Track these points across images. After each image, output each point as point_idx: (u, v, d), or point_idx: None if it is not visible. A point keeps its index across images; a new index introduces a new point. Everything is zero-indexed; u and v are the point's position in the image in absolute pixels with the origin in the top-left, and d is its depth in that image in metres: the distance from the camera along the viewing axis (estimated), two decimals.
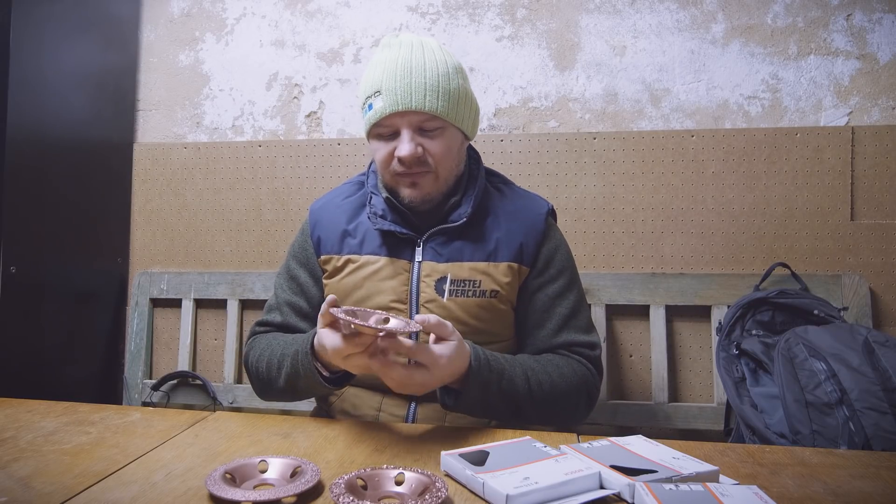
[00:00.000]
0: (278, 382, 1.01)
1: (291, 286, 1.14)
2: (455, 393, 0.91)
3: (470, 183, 1.08)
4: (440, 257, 1.03)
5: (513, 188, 1.15)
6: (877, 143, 1.58)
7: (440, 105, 0.98)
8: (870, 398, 1.11)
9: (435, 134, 1.00)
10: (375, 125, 1.01)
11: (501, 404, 0.94)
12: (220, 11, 1.91)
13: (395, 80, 0.97)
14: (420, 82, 0.97)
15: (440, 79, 0.99)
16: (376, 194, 1.08)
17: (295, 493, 0.65)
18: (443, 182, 1.03)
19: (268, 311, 1.15)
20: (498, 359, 0.94)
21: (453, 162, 1.04)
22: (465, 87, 1.04)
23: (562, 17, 1.74)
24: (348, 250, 1.07)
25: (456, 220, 1.03)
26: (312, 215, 1.14)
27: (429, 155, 0.99)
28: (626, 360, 1.67)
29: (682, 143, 1.65)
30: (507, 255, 1.04)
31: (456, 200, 1.05)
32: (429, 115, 0.98)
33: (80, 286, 1.74)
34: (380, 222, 1.04)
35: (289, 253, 1.17)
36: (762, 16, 1.65)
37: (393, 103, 0.97)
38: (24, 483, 0.70)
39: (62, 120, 1.65)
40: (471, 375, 0.89)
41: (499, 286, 1.03)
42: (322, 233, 1.10)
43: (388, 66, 0.99)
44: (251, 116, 1.90)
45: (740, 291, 1.55)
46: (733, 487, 0.64)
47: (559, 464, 0.70)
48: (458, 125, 1.02)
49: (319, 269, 1.11)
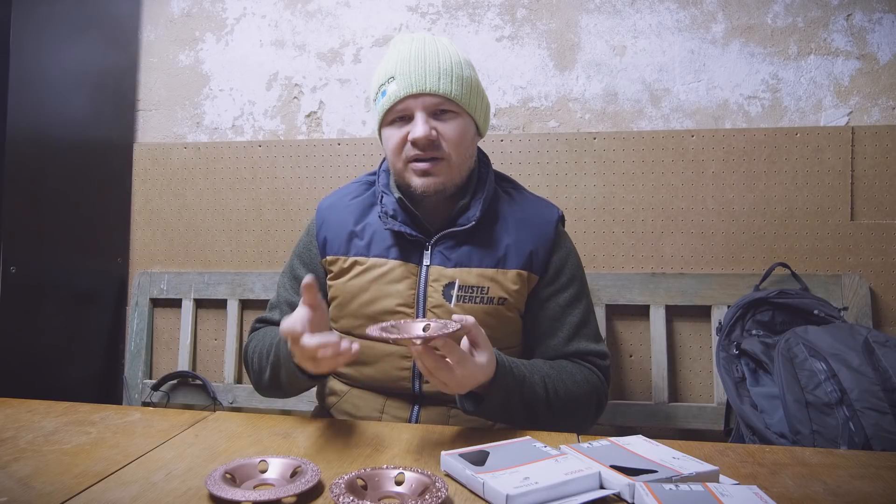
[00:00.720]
0: (266, 374, 1.01)
1: (293, 285, 1.13)
2: (475, 398, 0.90)
3: (479, 186, 1.07)
4: (448, 262, 1.02)
5: (523, 193, 1.15)
6: (877, 143, 1.58)
7: (454, 89, 0.98)
8: (870, 398, 1.11)
9: (448, 117, 1.00)
10: (389, 110, 1.01)
11: (520, 410, 0.93)
12: (220, 11, 1.91)
13: (409, 65, 0.98)
14: (434, 66, 0.98)
15: (454, 66, 1.00)
16: (387, 194, 1.07)
17: (295, 493, 0.65)
18: (455, 171, 1.01)
19: (269, 309, 1.16)
20: (519, 365, 0.94)
21: (466, 151, 1.03)
22: (477, 80, 1.05)
23: (562, 17, 1.74)
24: (355, 252, 1.06)
25: (464, 223, 1.02)
26: (320, 214, 1.13)
27: (442, 139, 0.99)
28: (626, 360, 1.67)
29: (682, 143, 1.65)
30: (516, 263, 1.03)
31: (465, 203, 1.04)
32: (443, 97, 0.98)
33: (80, 286, 1.74)
34: (390, 222, 1.03)
35: (294, 251, 1.17)
36: (762, 16, 1.65)
37: (407, 86, 0.97)
38: (24, 483, 0.70)
39: (62, 120, 1.65)
40: (495, 381, 0.88)
41: (507, 293, 1.02)
42: (328, 233, 1.09)
43: (402, 54, 1.00)
44: (251, 116, 1.90)
45: (740, 291, 1.55)
46: (733, 487, 0.64)
47: (559, 464, 0.70)
48: (471, 113, 1.03)
49: (323, 270, 1.11)
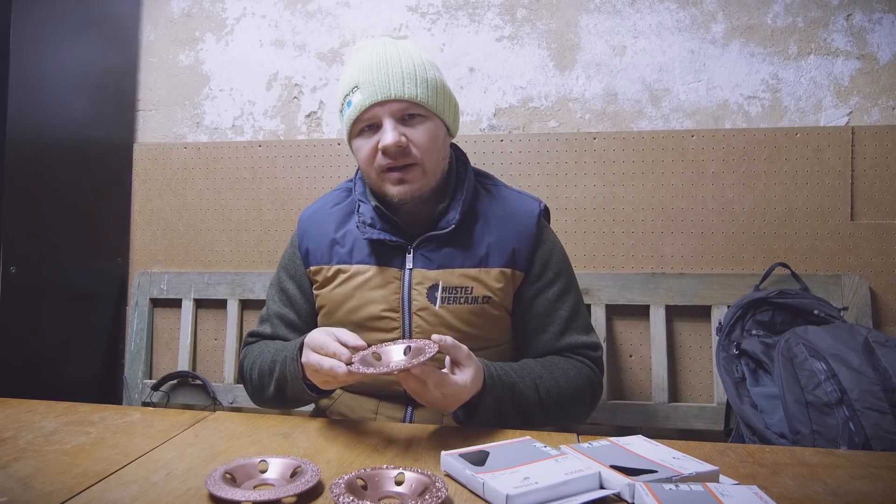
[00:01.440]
0: (269, 389, 1.00)
1: (281, 298, 1.14)
2: (468, 407, 0.91)
3: (458, 186, 1.07)
4: (431, 264, 1.02)
5: (501, 189, 1.13)
6: (877, 143, 1.58)
7: (420, 92, 0.97)
8: (870, 398, 1.11)
9: (417, 122, 0.99)
10: (356, 120, 1.00)
11: (513, 415, 0.94)
12: (220, 11, 1.91)
13: (371, 73, 0.97)
14: (397, 71, 0.97)
15: (416, 69, 0.99)
16: (364, 202, 1.06)
17: (295, 493, 0.65)
18: (430, 175, 1.01)
19: (260, 323, 1.16)
20: (508, 372, 0.94)
21: (438, 154, 1.02)
22: (442, 80, 1.04)
23: (562, 17, 1.74)
24: (338, 260, 1.06)
25: (444, 226, 1.02)
26: (301, 226, 1.13)
27: (413, 145, 0.98)
28: (626, 360, 1.67)
29: (682, 143, 1.65)
30: (499, 261, 1.03)
31: (444, 206, 1.04)
32: (409, 102, 0.97)
33: (80, 286, 1.74)
34: (369, 231, 1.03)
35: (280, 264, 1.17)
36: (762, 16, 1.65)
37: (372, 94, 0.96)
38: (24, 483, 0.70)
39: (62, 120, 1.65)
40: (485, 393, 0.89)
41: (491, 292, 1.02)
42: (310, 244, 1.09)
43: (363, 62, 0.99)
44: (251, 116, 1.90)
45: (740, 291, 1.55)
46: (733, 487, 0.64)
47: (559, 464, 0.70)
48: (439, 115, 1.01)
49: (308, 280, 1.11)
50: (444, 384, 0.83)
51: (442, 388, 0.83)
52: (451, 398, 0.85)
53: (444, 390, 0.83)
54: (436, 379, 0.82)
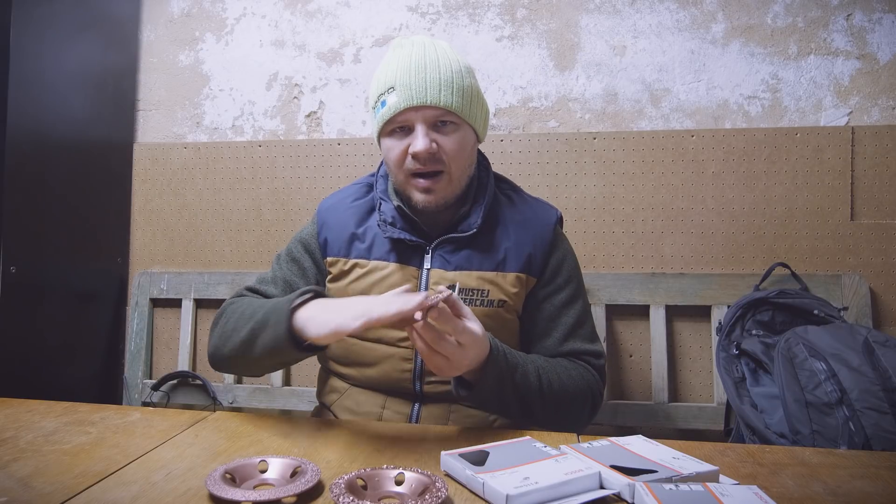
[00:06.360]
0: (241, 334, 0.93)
1: (292, 268, 1.11)
2: (469, 384, 0.90)
3: (479, 191, 1.08)
4: (449, 265, 1.03)
5: (522, 195, 1.15)
6: (877, 143, 1.58)
7: (455, 101, 0.98)
8: (870, 398, 1.11)
9: (449, 130, 0.99)
10: (389, 121, 1.00)
11: (513, 399, 0.93)
12: (220, 11, 1.91)
13: (409, 76, 0.97)
14: (435, 77, 0.97)
15: (454, 75, 0.99)
16: (386, 200, 1.07)
17: (295, 493, 0.65)
18: (456, 183, 1.02)
19: (261, 282, 1.10)
20: (513, 352, 0.94)
21: (466, 161, 1.03)
22: (477, 87, 1.04)
23: (562, 17, 1.74)
24: (356, 254, 1.06)
25: (465, 230, 1.03)
26: (320, 215, 1.12)
27: (443, 152, 0.99)
28: (626, 360, 1.67)
29: (682, 143, 1.65)
30: (515, 266, 1.04)
31: (466, 210, 1.05)
32: (444, 110, 0.98)
33: (80, 286, 1.74)
34: (389, 230, 1.03)
35: (296, 238, 1.14)
36: (762, 16, 1.65)
37: (408, 98, 0.97)
38: (24, 483, 0.70)
39: (62, 120, 1.65)
40: (489, 363, 0.88)
41: (506, 296, 1.03)
42: (329, 235, 1.09)
43: (401, 63, 0.99)
44: (251, 116, 1.90)
45: (740, 291, 1.55)
46: (733, 487, 0.64)
47: (559, 464, 0.70)
48: (471, 123, 1.02)
49: (325, 265, 1.10)
50: (462, 331, 0.81)
51: (458, 334, 0.81)
52: (463, 354, 0.82)
53: (460, 337, 0.81)
54: (454, 325, 0.81)
